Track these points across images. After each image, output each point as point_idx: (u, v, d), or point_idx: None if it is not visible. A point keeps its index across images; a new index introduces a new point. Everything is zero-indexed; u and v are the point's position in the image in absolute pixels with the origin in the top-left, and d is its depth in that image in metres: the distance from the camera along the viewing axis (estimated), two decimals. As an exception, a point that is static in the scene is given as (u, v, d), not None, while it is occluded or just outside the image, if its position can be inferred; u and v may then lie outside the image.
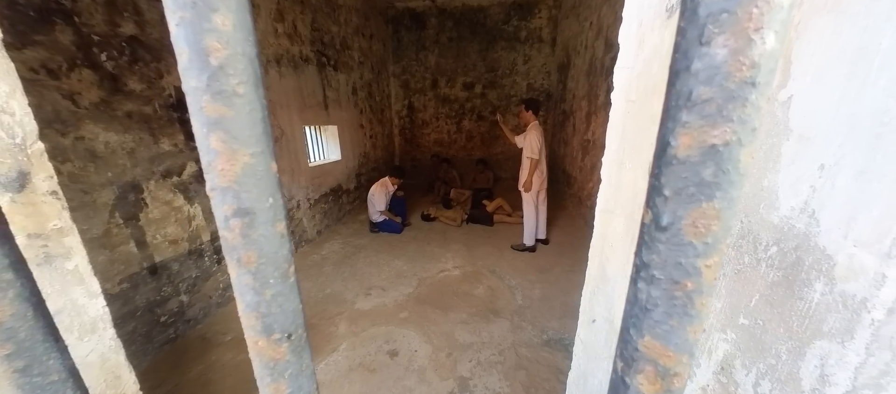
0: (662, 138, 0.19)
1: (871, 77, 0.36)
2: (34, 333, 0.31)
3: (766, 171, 0.49)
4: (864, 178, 0.37)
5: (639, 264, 0.22)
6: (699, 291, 0.20)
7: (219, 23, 0.19)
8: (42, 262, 0.88)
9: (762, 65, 0.16)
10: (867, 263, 0.36)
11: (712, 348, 0.57)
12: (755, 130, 0.17)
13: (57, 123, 1.70)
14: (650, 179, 0.21)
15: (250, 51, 0.21)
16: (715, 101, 0.17)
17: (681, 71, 0.18)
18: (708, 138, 0.17)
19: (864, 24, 0.37)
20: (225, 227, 0.22)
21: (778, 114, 0.47)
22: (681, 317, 0.20)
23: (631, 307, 0.23)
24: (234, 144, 0.21)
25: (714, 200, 0.18)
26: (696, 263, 0.19)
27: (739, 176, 0.18)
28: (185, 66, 0.19)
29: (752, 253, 0.51)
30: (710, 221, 0.18)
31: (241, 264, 0.23)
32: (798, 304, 0.44)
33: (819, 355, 0.41)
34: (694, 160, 0.18)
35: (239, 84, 0.21)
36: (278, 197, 0.24)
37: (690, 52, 0.17)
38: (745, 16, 0.15)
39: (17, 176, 0.84)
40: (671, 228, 0.19)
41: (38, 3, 1.62)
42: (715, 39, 0.16)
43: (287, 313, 0.26)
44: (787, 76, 0.46)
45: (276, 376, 0.26)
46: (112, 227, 1.96)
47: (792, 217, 0.45)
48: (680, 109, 0.18)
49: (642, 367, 0.22)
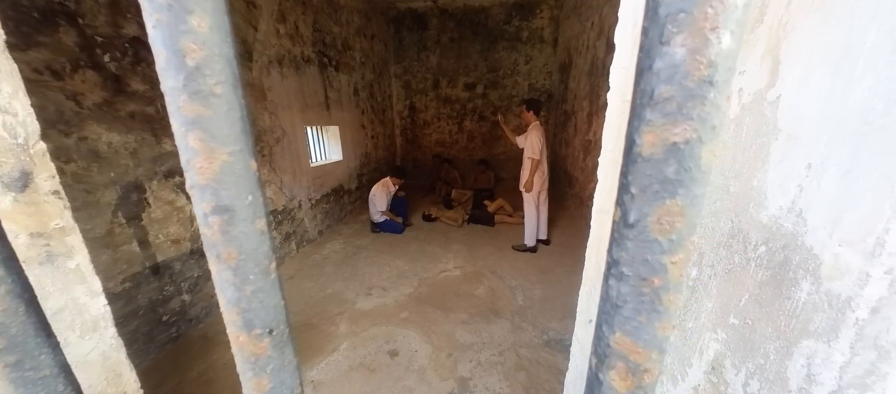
0: (629, 136, 0.20)
1: (856, 76, 0.36)
2: (26, 328, 0.32)
3: (755, 170, 0.49)
4: (849, 177, 0.37)
5: (610, 261, 0.22)
6: (666, 287, 0.20)
7: (195, 24, 0.20)
8: (44, 261, 0.89)
9: (719, 64, 0.16)
10: (852, 262, 0.36)
11: (704, 348, 0.57)
12: (715, 128, 0.17)
13: (60, 123, 1.73)
14: (620, 177, 0.21)
15: (227, 52, 0.21)
16: (675, 99, 0.17)
17: (644, 70, 0.18)
18: (670, 136, 0.18)
19: (849, 23, 0.37)
20: (204, 224, 0.23)
21: (767, 113, 0.47)
22: (649, 313, 0.21)
23: (603, 304, 0.23)
24: (212, 143, 0.21)
25: (677, 198, 0.18)
26: (662, 259, 0.19)
27: (701, 173, 0.18)
28: (162, 67, 0.20)
29: (742, 253, 0.51)
30: (675, 218, 0.19)
31: (220, 260, 0.23)
32: (786, 303, 0.43)
33: (806, 354, 0.41)
34: (658, 158, 0.18)
35: (216, 84, 0.21)
36: (258, 195, 0.25)
37: (653, 51, 0.18)
38: (701, 16, 0.16)
39: (20, 176, 0.85)
40: (638, 225, 0.20)
41: (42, 5, 1.64)
42: (674, 39, 0.17)
43: (268, 308, 0.26)
44: (775, 75, 0.46)
45: (257, 370, 0.27)
46: (115, 226, 1.98)
47: (780, 216, 0.45)
48: (644, 108, 0.18)
49: (614, 363, 0.23)
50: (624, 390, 0.23)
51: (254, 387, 0.27)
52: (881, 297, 0.34)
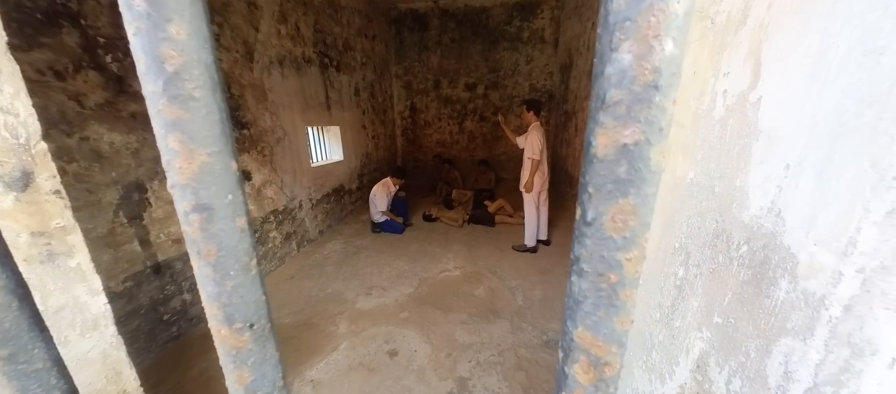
0: (586, 138, 0.20)
1: (830, 78, 0.37)
2: (19, 323, 0.33)
3: (738, 171, 0.49)
4: (823, 177, 0.37)
5: (572, 258, 0.23)
6: (622, 283, 0.21)
7: (173, 32, 0.21)
8: (45, 259, 0.91)
9: (663, 69, 0.17)
10: (826, 261, 0.36)
11: (690, 347, 0.58)
12: (662, 131, 0.18)
13: (63, 123, 1.75)
14: (580, 177, 0.22)
15: (206, 57, 0.22)
16: (624, 102, 0.18)
17: (598, 75, 0.19)
18: (620, 138, 0.19)
19: (824, 26, 0.37)
20: (185, 221, 0.24)
21: (749, 114, 0.48)
22: (607, 308, 0.21)
23: (567, 300, 0.24)
24: (191, 144, 0.22)
25: (629, 196, 0.19)
26: (617, 256, 0.20)
27: (651, 173, 0.19)
28: (142, 72, 0.21)
29: (725, 252, 0.51)
30: (627, 216, 0.19)
31: (201, 257, 0.24)
32: (765, 302, 0.44)
33: (784, 352, 0.42)
34: (610, 159, 0.19)
35: (195, 88, 0.22)
36: (238, 194, 0.26)
37: (604, 57, 0.18)
38: (645, 24, 0.17)
39: (21, 175, 0.87)
40: (595, 223, 0.20)
41: (45, 6, 1.66)
42: (621, 45, 0.17)
43: (248, 303, 0.27)
44: (757, 77, 0.47)
45: (239, 363, 0.28)
46: (116, 226, 2.00)
47: (761, 216, 0.45)
48: (598, 111, 0.19)
49: (577, 357, 0.23)
50: (587, 383, 0.23)
51: (235, 379, 0.28)
52: (853, 295, 0.34)
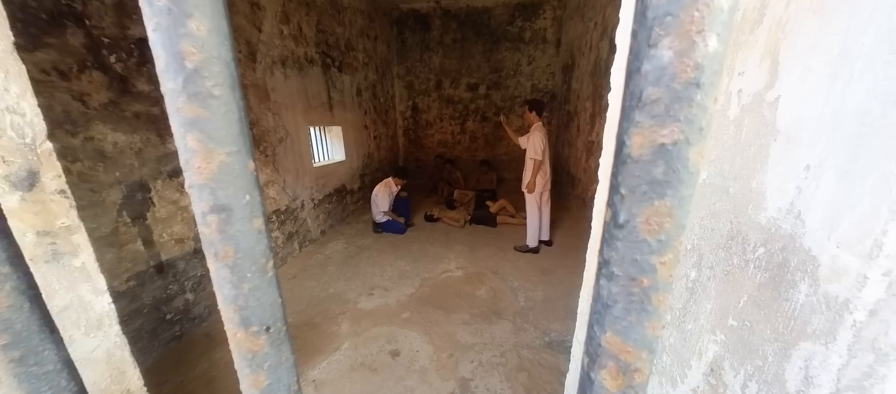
0: (619, 138, 0.20)
1: (853, 78, 0.36)
2: (30, 324, 0.32)
3: (754, 172, 0.48)
4: (847, 179, 0.36)
5: (600, 261, 0.22)
6: (655, 287, 0.20)
7: (194, 28, 0.20)
8: (50, 259, 0.91)
9: (706, 66, 0.16)
10: (849, 265, 0.36)
11: (702, 350, 0.57)
12: (702, 130, 0.17)
13: (67, 123, 1.75)
14: (610, 177, 0.21)
15: (226, 54, 0.22)
16: (663, 101, 0.17)
17: (633, 72, 0.18)
18: (658, 138, 0.18)
19: (847, 25, 0.37)
20: (202, 222, 0.23)
21: (766, 114, 0.47)
22: (639, 313, 0.21)
23: (594, 304, 0.23)
24: (210, 144, 0.22)
25: (665, 198, 0.18)
26: (650, 259, 0.20)
27: (689, 174, 0.18)
28: (161, 69, 0.20)
29: (741, 254, 0.50)
30: (663, 218, 0.19)
31: (218, 258, 0.24)
32: (784, 305, 0.43)
33: (804, 356, 0.41)
34: (646, 159, 0.18)
35: (215, 86, 0.22)
36: (256, 194, 0.25)
37: (641, 53, 0.18)
38: (688, 19, 0.16)
39: (27, 175, 0.86)
40: (627, 225, 0.20)
41: (50, 7, 1.67)
42: (661, 41, 0.17)
43: (265, 306, 0.26)
44: (774, 77, 0.46)
45: (254, 367, 0.27)
46: (120, 225, 2.00)
47: (779, 218, 0.44)
48: (633, 109, 0.19)
49: (605, 362, 0.23)
50: (615, 389, 0.23)
51: (251, 383, 0.28)
52: (879, 299, 0.34)
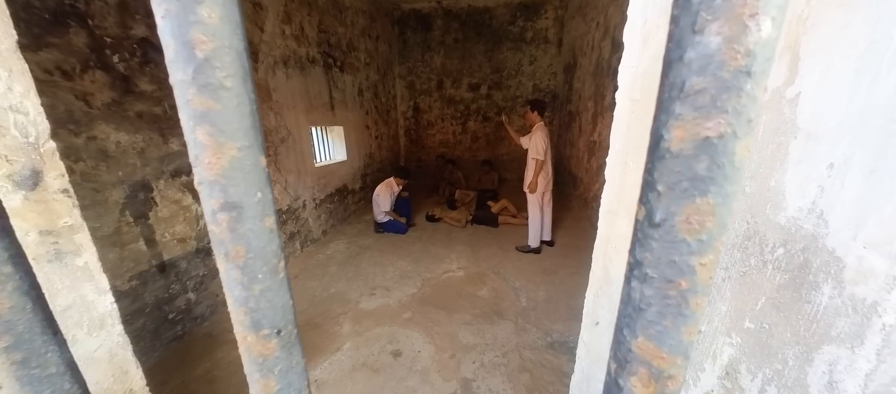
0: (656, 132, 0.19)
1: (882, 73, 0.35)
2: (33, 326, 0.31)
3: (772, 170, 0.47)
4: (874, 177, 0.35)
5: (632, 263, 0.21)
6: (693, 290, 0.19)
7: (205, 15, 0.19)
8: (53, 258, 0.90)
9: (758, 53, 0.15)
10: (878, 266, 0.35)
11: (717, 353, 0.56)
12: (751, 122, 0.16)
13: (70, 123, 1.74)
14: (644, 174, 0.20)
15: (238, 44, 0.21)
16: (708, 91, 0.16)
17: (674, 61, 0.17)
18: (701, 131, 0.17)
19: (875, 18, 0.35)
20: (212, 221, 0.22)
21: (785, 111, 0.46)
22: (675, 317, 0.20)
23: (624, 307, 0.22)
24: (221, 138, 0.21)
25: (708, 196, 0.17)
26: (690, 260, 0.18)
27: (734, 170, 0.17)
28: (171, 59, 0.19)
29: (758, 255, 0.49)
30: (705, 217, 0.18)
31: (228, 259, 0.23)
32: (805, 307, 0.42)
33: (827, 360, 0.40)
34: (687, 154, 0.17)
35: (226, 77, 0.20)
36: (267, 192, 0.24)
37: (684, 40, 0.17)
38: (740, 2, 0.15)
39: (31, 174, 0.86)
40: (664, 224, 0.19)
41: (53, 7, 1.66)
42: (708, 27, 0.16)
43: (276, 308, 0.25)
44: (794, 73, 0.45)
45: (265, 371, 0.26)
46: (122, 225, 1.99)
47: (799, 218, 0.43)
48: (673, 101, 0.17)
49: (636, 369, 0.22)
50: (646, 397, 0.22)
51: (261, 388, 0.27)
52: (910, 302, 0.32)
